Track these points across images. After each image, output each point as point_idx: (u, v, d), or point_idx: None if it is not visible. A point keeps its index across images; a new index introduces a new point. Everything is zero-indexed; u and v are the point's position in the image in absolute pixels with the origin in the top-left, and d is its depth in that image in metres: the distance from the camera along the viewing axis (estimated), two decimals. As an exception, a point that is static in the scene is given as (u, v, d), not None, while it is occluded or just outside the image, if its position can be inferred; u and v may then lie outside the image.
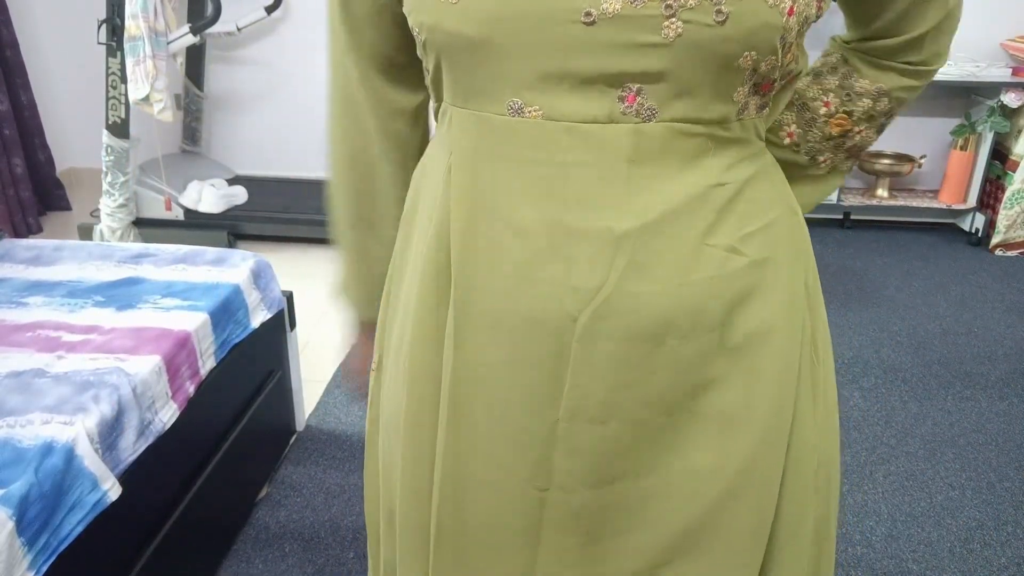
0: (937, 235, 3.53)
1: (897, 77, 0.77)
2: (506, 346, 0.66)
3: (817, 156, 0.81)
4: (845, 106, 0.78)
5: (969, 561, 1.70)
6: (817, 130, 0.79)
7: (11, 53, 3.36)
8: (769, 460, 0.67)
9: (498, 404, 0.67)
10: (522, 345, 0.65)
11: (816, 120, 0.79)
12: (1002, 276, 3.12)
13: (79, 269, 1.74)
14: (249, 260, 1.79)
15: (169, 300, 1.60)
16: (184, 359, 1.47)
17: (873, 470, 1.99)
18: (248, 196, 3.36)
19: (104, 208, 3.02)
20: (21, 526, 1.04)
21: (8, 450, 1.13)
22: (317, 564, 1.66)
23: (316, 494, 1.86)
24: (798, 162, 0.81)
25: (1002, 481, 1.95)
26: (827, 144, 0.80)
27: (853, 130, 0.80)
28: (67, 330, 1.47)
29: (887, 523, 1.81)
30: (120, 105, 2.87)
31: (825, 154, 0.81)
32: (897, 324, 2.72)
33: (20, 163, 3.38)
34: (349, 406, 2.21)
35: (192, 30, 2.86)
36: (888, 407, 2.25)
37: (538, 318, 0.64)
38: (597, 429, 0.65)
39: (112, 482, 1.21)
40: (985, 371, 2.44)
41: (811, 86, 0.79)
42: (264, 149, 3.76)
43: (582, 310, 0.62)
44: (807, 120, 0.79)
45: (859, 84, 0.77)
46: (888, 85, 0.77)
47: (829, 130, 0.79)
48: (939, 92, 3.42)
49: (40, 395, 1.25)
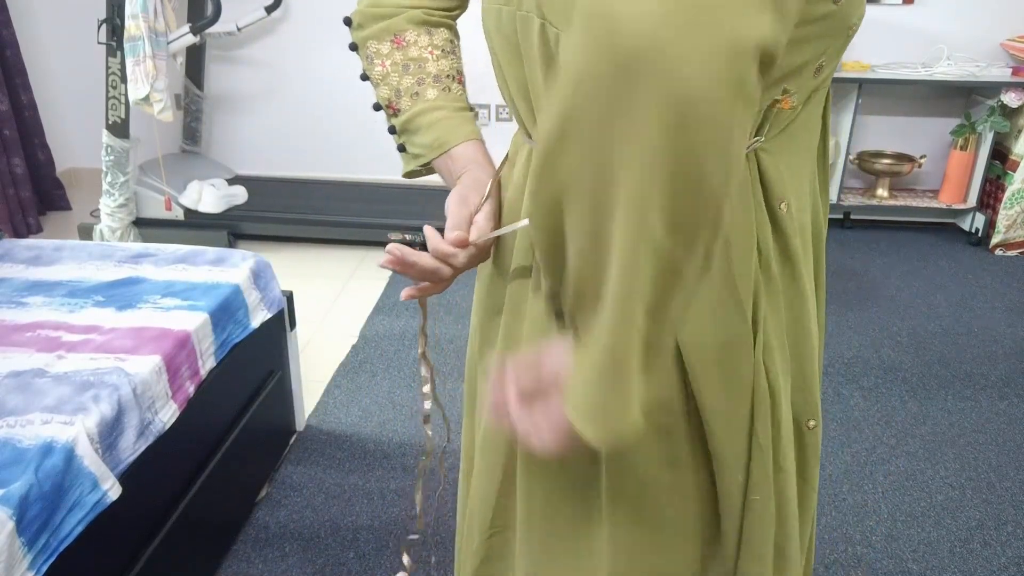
0: (937, 235, 3.53)
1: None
2: None
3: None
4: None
5: (969, 561, 1.70)
6: None
7: (11, 53, 3.36)
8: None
9: None
10: None
11: None
12: (1002, 276, 3.12)
13: (79, 269, 1.74)
14: (249, 260, 1.79)
15: (169, 300, 1.60)
16: (184, 359, 1.47)
17: (873, 470, 1.99)
18: (248, 196, 3.35)
19: (104, 208, 3.02)
20: (21, 526, 1.04)
21: (8, 450, 1.13)
22: (317, 564, 1.66)
23: (316, 494, 1.86)
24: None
25: (1002, 481, 1.95)
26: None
27: None
28: (67, 330, 1.47)
29: (887, 523, 1.81)
30: (120, 105, 2.87)
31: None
32: (897, 324, 2.72)
33: (20, 163, 3.38)
34: (349, 406, 2.21)
35: (192, 30, 2.86)
36: (888, 407, 2.25)
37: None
38: None
39: (112, 482, 1.21)
40: (985, 371, 2.44)
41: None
42: (264, 149, 3.76)
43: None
44: None
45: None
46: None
47: None
48: (939, 92, 3.42)
49: (40, 395, 1.25)
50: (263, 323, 1.77)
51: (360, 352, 2.50)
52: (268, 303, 1.80)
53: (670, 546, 0.75)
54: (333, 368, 2.41)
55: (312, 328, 2.65)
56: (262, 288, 1.79)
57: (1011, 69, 3.18)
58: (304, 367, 2.16)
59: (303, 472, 1.94)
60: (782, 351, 0.72)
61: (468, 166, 0.78)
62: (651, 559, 0.75)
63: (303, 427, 2.10)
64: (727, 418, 0.70)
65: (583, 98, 0.44)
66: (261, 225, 3.27)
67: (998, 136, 3.29)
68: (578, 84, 0.44)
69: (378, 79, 0.82)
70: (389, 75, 0.81)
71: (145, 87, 2.66)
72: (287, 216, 3.26)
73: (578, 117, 0.45)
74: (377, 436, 2.08)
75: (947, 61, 3.21)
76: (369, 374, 2.37)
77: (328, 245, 3.35)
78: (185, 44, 2.90)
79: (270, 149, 3.76)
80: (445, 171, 0.80)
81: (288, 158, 3.74)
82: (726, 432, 0.70)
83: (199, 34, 2.90)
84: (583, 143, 0.45)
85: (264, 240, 3.33)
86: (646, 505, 0.73)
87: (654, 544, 0.75)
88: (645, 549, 0.75)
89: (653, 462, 0.71)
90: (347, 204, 3.35)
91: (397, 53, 0.80)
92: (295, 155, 3.74)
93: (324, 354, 2.49)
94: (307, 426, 2.12)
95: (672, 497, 0.74)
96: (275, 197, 3.40)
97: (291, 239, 3.36)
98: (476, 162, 0.79)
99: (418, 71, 0.80)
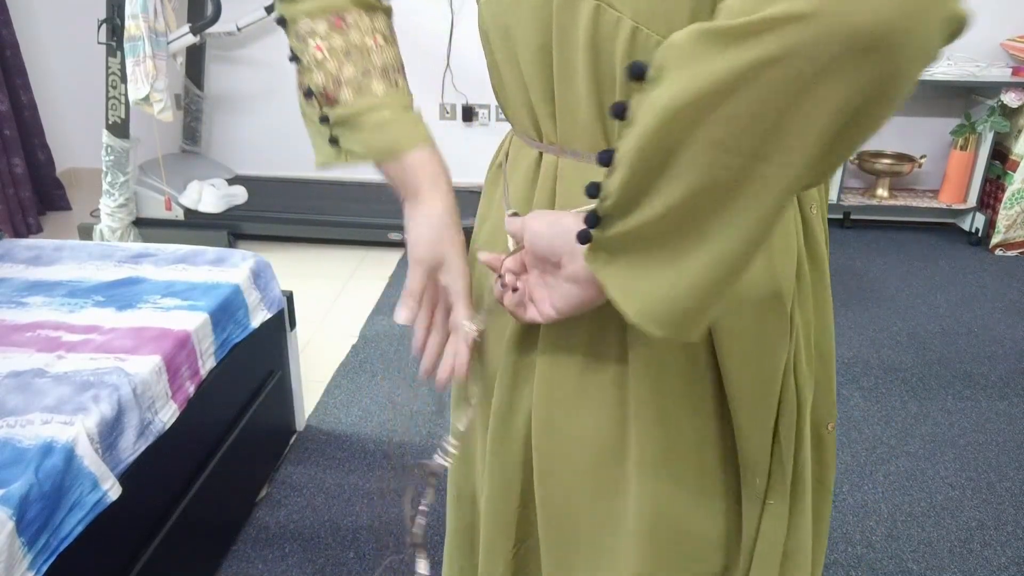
0: (937, 235, 3.53)
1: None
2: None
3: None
4: None
5: (969, 561, 1.70)
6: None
7: (11, 53, 3.36)
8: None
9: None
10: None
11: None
12: (1002, 276, 3.12)
13: (79, 269, 1.74)
14: (249, 260, 1.79)
15: (169, 300, 1.60)
16: (184, 359, 1.47)
17: (873, 470, 1.99)
18: (248, 196, 3.36)
19: (104, 208, 3.02)
20: (21, 526, 1.04)
21: (8, 450, 1.13)
22: (317, 564, 1.66)
23: (316, 494, 1.86)
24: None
25: (1002, 481, 1.95)
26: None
27: None
28: (67, 330, 1.47)
29: (887, 523, 1.81)
30: (120, 105, 2.87)
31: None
32: (897, 324, 2.72)
33: (20, 163, 3.38)
34: (349, 406, 2.21)
35: (192, 30, 2.86)
36: (888, 407, 2.25)
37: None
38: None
39: (112, 482, 1.21)
40: (985, 371, 2.44)
41: None
42: (264, 149, 3.76)
43: None
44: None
45: None
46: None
47: None
48: (939, 92, 3.42)
49: (40, 395, 1.25)
50: (263, 323, 1.77)
51: (360, 352, 2.50)
52: (268, 303, 1.80)
53: (699, 513, 0.73)
54: (333, 368, 2.41)
55: (312, 328, 2.65)
56: (262, 288, 1.79)
57: (1011, 69, 3.18)
58: (304, 367, 2.16)
59: (303, 472, 1.94)
60: (808, 354, 0.72)
61: (423, 183, 0.72)
62: (680, 529, 0.72)
63: (303, 427, 2.10)
64: (753, 415, 0.69)
65: (791, 54, 0.45)
66: (261, 225, 3.27)
67: (998, 136, 3.29)
68: (795, 44, 0.44)
69: (312, 64, 0.73)
70: (326, 61, 0.72)
71: (145, 87, 2.66)
72: (287, 216, 3.26)
73: (774, 65, 0.45)
74: (377, 436, 2.08)
75: (947, 61, 3.21)
76: (369, 374, 2.37)
77: (328, 245, 3.35)
78: (185, 44, 2.90)
79: (270, 149, 3.76)
80: (394, 178, 0.74)
81: (288, 158, 3.74)
82: (751, 430, 0.69)
83: (199, 34, 2.90)
84: (771, 87, 0.46)
85: (264, 240, 3.33)
86: (673, 469, 0.71)
87: (685, 510, 0.72)
88: (674, 522, 0.72)
89: (680, 406, 0.70)
90: (347, 204, 3.35)
91: (336, 36, 0.72)
92: (295, 155, 3.74)
93: (324, 354, 2.49)
94: (307, 426, 2.12)
95: (699, 452, 0.71)
96: (275, 197, 3.40)
97: (291, 239, 3.36)
98: (432, 178, 0.72)
99: (362, 60, 0.73)
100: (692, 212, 0.51)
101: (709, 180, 0.49)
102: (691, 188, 0.50)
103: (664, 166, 0.50)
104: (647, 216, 0.52)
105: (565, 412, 0.71)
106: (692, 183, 0.50)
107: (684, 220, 0.52)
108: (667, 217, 0.52)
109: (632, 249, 0.55)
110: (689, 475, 0.71)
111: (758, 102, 0.46)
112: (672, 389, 0.68)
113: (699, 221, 0.51)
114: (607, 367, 0.69)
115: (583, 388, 0.70)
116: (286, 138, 3.72)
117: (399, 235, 3.07)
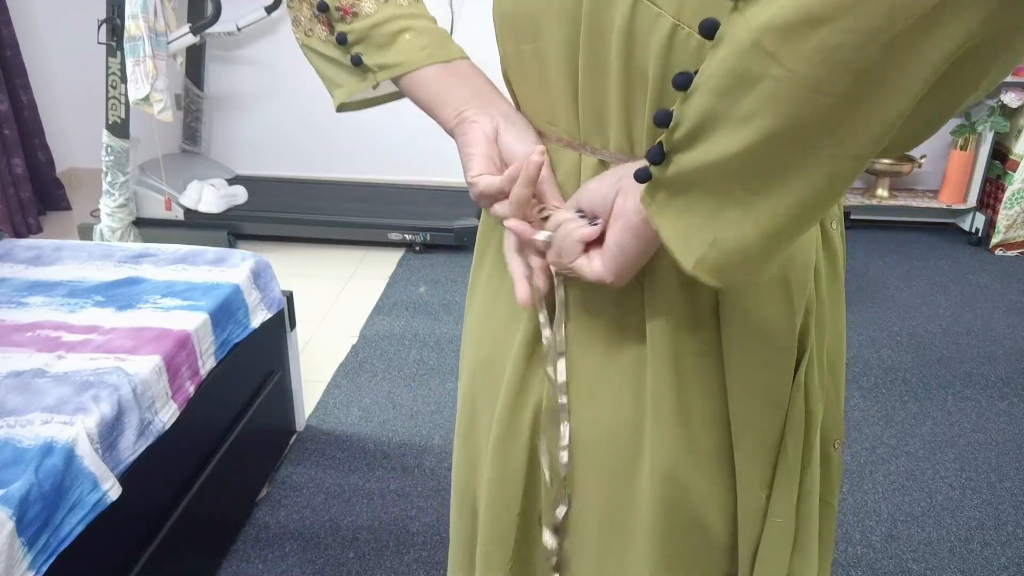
0: (937, 235, 3.53)
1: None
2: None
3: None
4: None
5: (969, 561, 1.70)
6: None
7: (11, 53, 3.36)
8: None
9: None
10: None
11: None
12: (1002, 276, 3.12)
13: (79, 269, 1.74)
14: (249, 260, 1.79)
15: (169, 300, 1.60)
16: (184, 359, 1.47)
17: (873, 470, 1.99)
18: (248, 196, 3.36)
19: (104, 208, 3.02)
20: (21, 526, 1.04)
21: (8, 450, 1.13)
22: (317, 564, 1.66)
23: (316, 494, 1.86)
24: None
25: (1002, 481, 1.95)
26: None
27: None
28: (67, 330, 1.47)
29: (887, 523, 1.81)
30: (120, 105, 2.87)
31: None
32: (897, 324, 2.72)
33: (20, 163, 3.38)
34: (349, 406, 2.21)
35: (192, 30, 2.86)
36: (888, 407, 2.25)
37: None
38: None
39: (112, 482, 1.21)
40: (985, 371, 2.44)
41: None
42: (264, 149, 3.76)
43: None
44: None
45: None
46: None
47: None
48: (939, 92, 3.41)
49: (40, 395, 1.25)
50: (263, 323, 1.77)
51: (360, 352, 2.50)
52: (268, 303, 1.80)
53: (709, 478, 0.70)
54: (333, 368, 2.41)
55: (312, 328, 2.65)
56: (262, 288, 1.79)
57: (1011, 69, 3.18)
58: (304, 367, 2.16)
59: (303, 472, 1.94)
60: (821, 370, 0.69)
61: (470, 100, 0.65)
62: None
63: (303, 427, 2.10)
64: (755, 426, 0.66)
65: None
66: (261, 225, 3.27)
67: (998, 136, 3.29)
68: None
69: None
70: None
71: (145, 87, 2.66)
72: (287, 216, 3.26)
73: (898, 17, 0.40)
74: (377, 436, 2.08)
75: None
76: (369, 374, 2.37)
77: (328, 245, 3.35)
78: (185, 44, 2.90)
79: (270, 149, 3.76)
80: (431, 92, 0.67)
81: (288, 158, 3.74)
82: (753, 444, 0.67)
83: (199, 34, 2.90)
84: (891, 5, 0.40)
85: (264, 240, 3.33)
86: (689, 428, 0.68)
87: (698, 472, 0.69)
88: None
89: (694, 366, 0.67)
90: (347, 204, 3.35)
91: None
92: (295, 155, 3.74)
93: (324, 354, 2.49)
94: (307, 426, 2.12)
95: (712, 438, 0.68)
96: (275, 197, 3.40)
97: (291, 239, 3.36)
98: (481, 94, 0.66)
99: None
100: (775, 151, 0.45)
101: (806, 114, 0.43)
102: (778, 124, 0.44)
103: (749, 95, 0.44)
104: (722, 151, 0.46)
105: (586, 398, 0.69)
106: (780, 118, 0.44)
107: (763, 160, 0.46)
108: (743, 155, 0.46)
109: (695, 189, 0.49)
110: (704, 464, 0.68)
111: (870, 28, 0.40)
112: (688, 378, 0.66)
113: (781, 162, 0.46)
114: (628, 352, 0.67)
115: (603, 373, 0.68)
116: (286, 138, 3.72)
117: (399, 235, 3.07)
